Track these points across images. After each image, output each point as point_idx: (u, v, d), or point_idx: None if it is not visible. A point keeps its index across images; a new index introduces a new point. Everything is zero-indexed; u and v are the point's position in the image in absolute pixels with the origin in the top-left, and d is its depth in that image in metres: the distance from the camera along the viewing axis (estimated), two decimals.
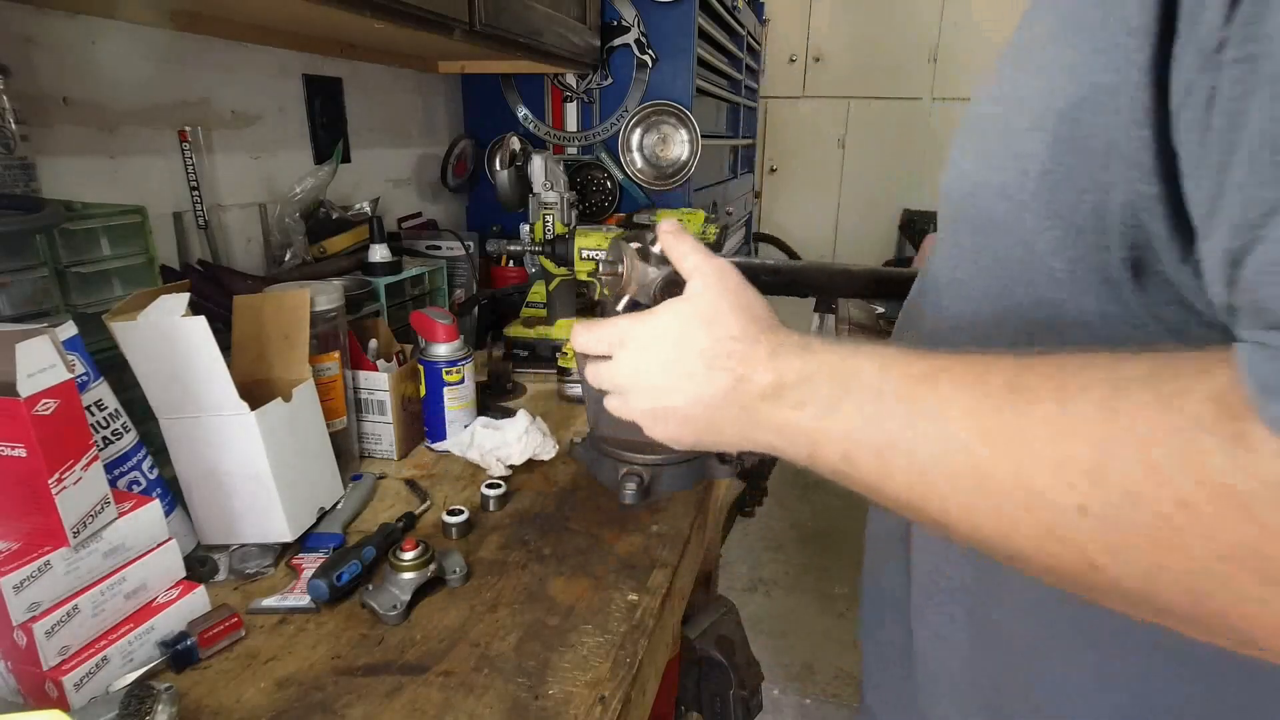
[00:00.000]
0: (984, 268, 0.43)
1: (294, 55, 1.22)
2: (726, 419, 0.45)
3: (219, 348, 0.69)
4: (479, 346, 1.32)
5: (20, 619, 0.53)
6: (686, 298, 0.48)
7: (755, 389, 0.43)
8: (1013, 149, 0.38)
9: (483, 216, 1.72)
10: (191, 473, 0.73)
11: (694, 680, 1.18)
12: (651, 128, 1.59)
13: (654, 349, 0.48)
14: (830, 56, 3.26)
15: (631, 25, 1.54)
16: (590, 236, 1.19)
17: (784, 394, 0.41)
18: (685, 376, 0.46)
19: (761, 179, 3.45)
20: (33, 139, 0.83)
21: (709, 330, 0.46)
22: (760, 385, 0.42)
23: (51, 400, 0.53)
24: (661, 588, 0.72)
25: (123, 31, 0.93)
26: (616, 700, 0.58)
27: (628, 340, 0.50)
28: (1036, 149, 0.37)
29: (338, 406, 0.90)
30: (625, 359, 0.50)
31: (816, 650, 2.18)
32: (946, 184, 0.45)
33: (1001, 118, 0.40)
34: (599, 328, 0.52)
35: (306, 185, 1.18)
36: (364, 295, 1.08)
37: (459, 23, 1.00)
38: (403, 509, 0.85)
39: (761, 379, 0.42)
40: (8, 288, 0.66)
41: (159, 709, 0.52)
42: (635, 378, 0.49)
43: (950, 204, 0.46)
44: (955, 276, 0.46)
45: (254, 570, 0.73)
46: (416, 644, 0.64)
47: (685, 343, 0.46)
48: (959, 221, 0.45)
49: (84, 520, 0.56)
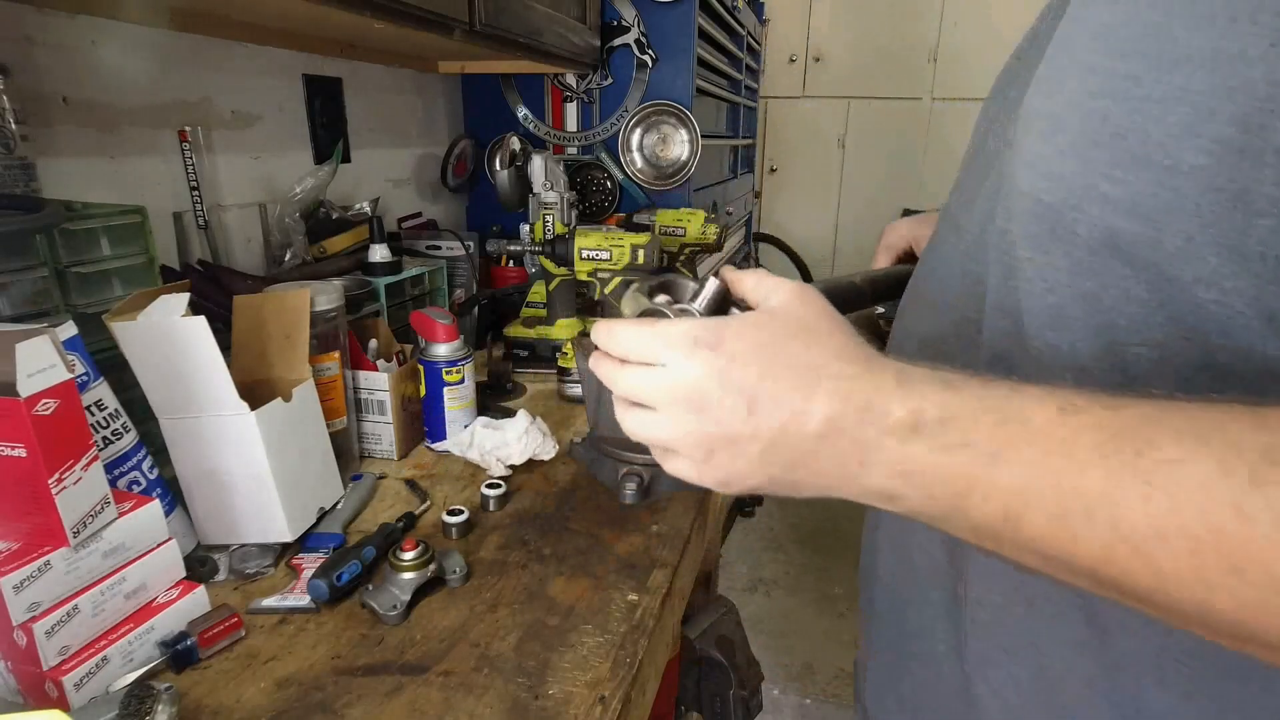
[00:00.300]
0: (1086, 293, 0.37)
1: (294, 55, 1.22)
2: (826, 455, 0.37)
3: (219, 348, 0.69)
4: (479, 346, 1.32)
5: (20, 619, 0.53)
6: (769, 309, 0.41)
7: (882, 421, 0.35)
8: (1153, 158, 0.33)
9: (483, 216, 1.72)
10: (191, 473, 0.73)
11: (694, 680, 1.18)
12: (651, 128, 1.59)
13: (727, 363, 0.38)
14: (830, 56, 3.26)
15: (631, 25, 1.54)
16: (590, 236, 1.19)
17: (924, 431, 0.34)
18: (771, 401, 0.37)
19: (761, 179, 3.45)
20: (33, 139, 0.83)
21: (807, 345, 0.38)
22: (891, 417, 0.35)
23: (51, 400, 0.53)
24: (661, 588, 0.72)
25: (123, 31, 0.93)
26: (616, 700, 0.58)
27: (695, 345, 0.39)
28: (1197, 160, 0.32)
29: (338, 406, 0.90)
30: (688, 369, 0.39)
31: (816, 650, 2.18)
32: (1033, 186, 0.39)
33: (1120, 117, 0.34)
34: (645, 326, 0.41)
35: (306, 185, 1.18)
36: (364, 295, 1.08)
37: (459, 23, 0.99)
38: (403, 509, 0.85)
39: (893, 410, 0.35)
40: (7, 289, 0.66)
41: (159, 709, 0.52)
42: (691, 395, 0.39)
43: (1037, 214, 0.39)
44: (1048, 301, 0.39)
45: (254, 570, 0.73)
46: (416, 644, 0.64)
47: (777, 356, 0.38)
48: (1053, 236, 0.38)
49: (84, 520, 0.56)
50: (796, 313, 0.40)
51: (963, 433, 0.34)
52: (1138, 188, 0.34)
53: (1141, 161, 0.34)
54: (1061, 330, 0.39)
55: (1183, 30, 0.32)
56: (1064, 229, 0.37)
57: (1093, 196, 0.36)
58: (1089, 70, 0.37)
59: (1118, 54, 0.35)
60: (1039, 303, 0.40)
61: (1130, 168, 0.34)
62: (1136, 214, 0.34)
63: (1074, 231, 0.37)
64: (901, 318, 0.57)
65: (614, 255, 1.18)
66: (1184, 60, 0.32)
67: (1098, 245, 0.36)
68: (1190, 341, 0.34)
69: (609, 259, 1.18)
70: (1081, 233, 0.37)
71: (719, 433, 0.38)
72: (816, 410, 0.36)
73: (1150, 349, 0.36)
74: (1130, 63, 0.34)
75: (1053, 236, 0.38)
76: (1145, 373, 0.36)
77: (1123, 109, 0.34)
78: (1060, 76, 0.39)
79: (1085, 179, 0.36)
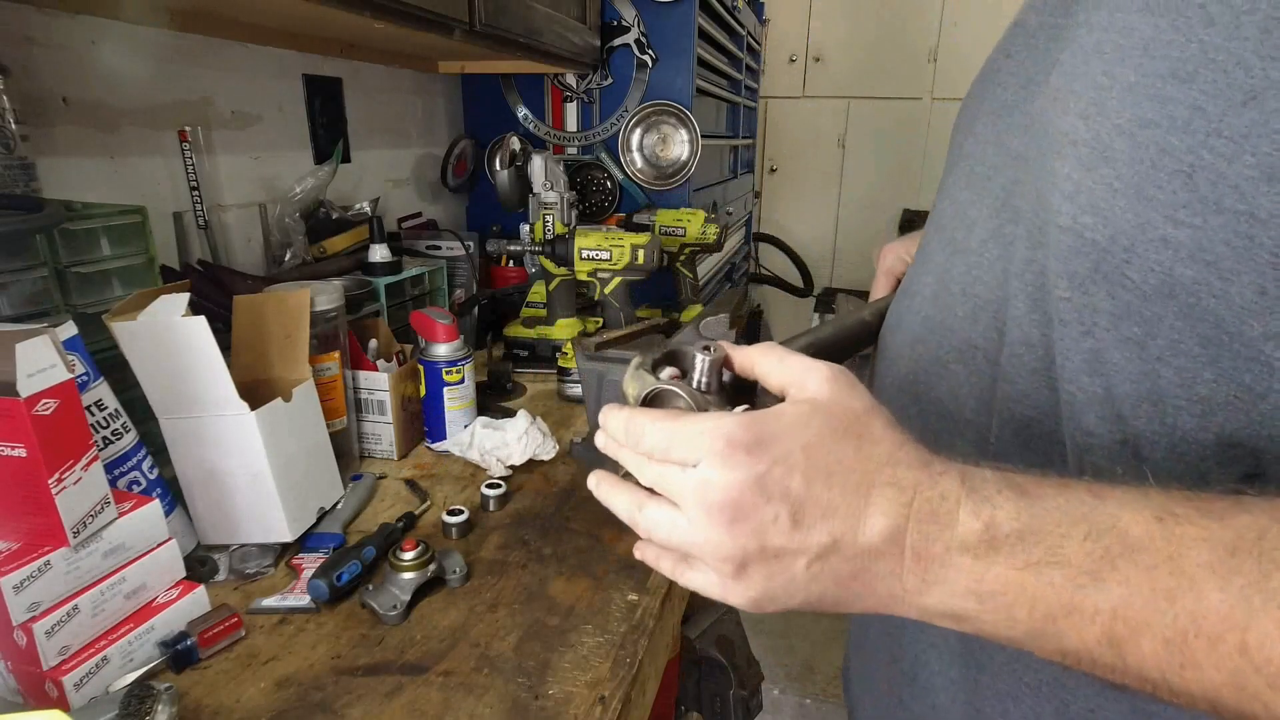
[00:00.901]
0: (1129, 338, 0.34)
1: (294, 55, 1.22)
2: (883, 571, 0.33)
3: (219, 348, 0.69)
4: (479, 346, 1.32)
5: (20, 619, 0.53)
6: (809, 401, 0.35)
7: (952, 534, 0.31)
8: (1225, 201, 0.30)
9: (483, 216, 1.72)
10: (191, 473, 0.73)
11: (694, 680, 1.18)
12: (651, 128, 1.59)
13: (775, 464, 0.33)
14: (830, 56, 3.25)
15: (631, 25, 1.54)
16: (590, 236, 1.19)
17: (1002, 546, 0.31)
18: (826, 511, 0.33)
19: (761, 179, 3.45)
20: (33, 139, 0.83)
21: (858, 445, 0.33)
22: (963, 529, 0.31)
23: (51, 400, 0.53)
24: (661, 588, 0.72)
25: (123, 31, 0.93)
26: (616, 700, 0.58)
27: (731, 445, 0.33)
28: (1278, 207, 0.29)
29: (338, 406, 0.90)
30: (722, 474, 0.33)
31: (816, 650, 2.18)
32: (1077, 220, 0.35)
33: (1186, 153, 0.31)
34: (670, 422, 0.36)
35: (306, 185, 1.18)
36: (364, 295, 1.08)
37: (459, 23, 0.99)
38: (403, 509, 0.85)
39: (964, 521, 0.31)
40: (6, 289, 0.66)
41: (159, 709, 0.52)
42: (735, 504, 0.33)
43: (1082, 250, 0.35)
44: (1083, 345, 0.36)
45: (254, 570, 0.73)
46: (416, 644, 0.64)
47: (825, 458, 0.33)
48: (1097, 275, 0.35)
49: (84, 520, 0.56)
50: (842, 406, 0.35)
51: (1050, 549, 0.30)
52: (1206, 233, 0.31)
53: (1212, 205, 0.30)
54: (1097, 375, 0.36)
55: (1257, 59, 0.29)
56: (1112, 270, 0.34)
57: (1151, 239, 0.32)
58: (1134, 92, 0.33)
59: (1172, 77, 0.32)
60: (1075, 345, 0.36)
61: (1198, 210, 0.31)
62: (1203, 260, 0.31)
63: (1124, 275, 0.33)
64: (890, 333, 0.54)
65: (614, 255, 1.18)
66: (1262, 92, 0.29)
67: (1152, 291, 0.33)
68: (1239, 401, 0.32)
69: (609, 259, 1.18)
70: (1134, 276, 0.33)
71: (756, 546, 0.33)
72: (874, 522, 0.32)
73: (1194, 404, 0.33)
74: (1190, 90, 0.31)
75: (1097, 276, 0.35)
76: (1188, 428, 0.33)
77: (1186, 143, 0.31)
78: (1098, 97, 0.35)
79: (1141, 218, 0.33)
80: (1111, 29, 0.35)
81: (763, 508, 0.33)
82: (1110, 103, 0.34)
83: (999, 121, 0.45)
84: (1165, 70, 0.32)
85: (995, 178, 0.43)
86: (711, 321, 0.84)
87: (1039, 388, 0.39)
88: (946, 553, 0.32)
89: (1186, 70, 0.31)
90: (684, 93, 1.57)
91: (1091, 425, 0.36)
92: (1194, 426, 0.33)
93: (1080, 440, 0.37)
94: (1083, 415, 0.37)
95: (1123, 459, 0.36)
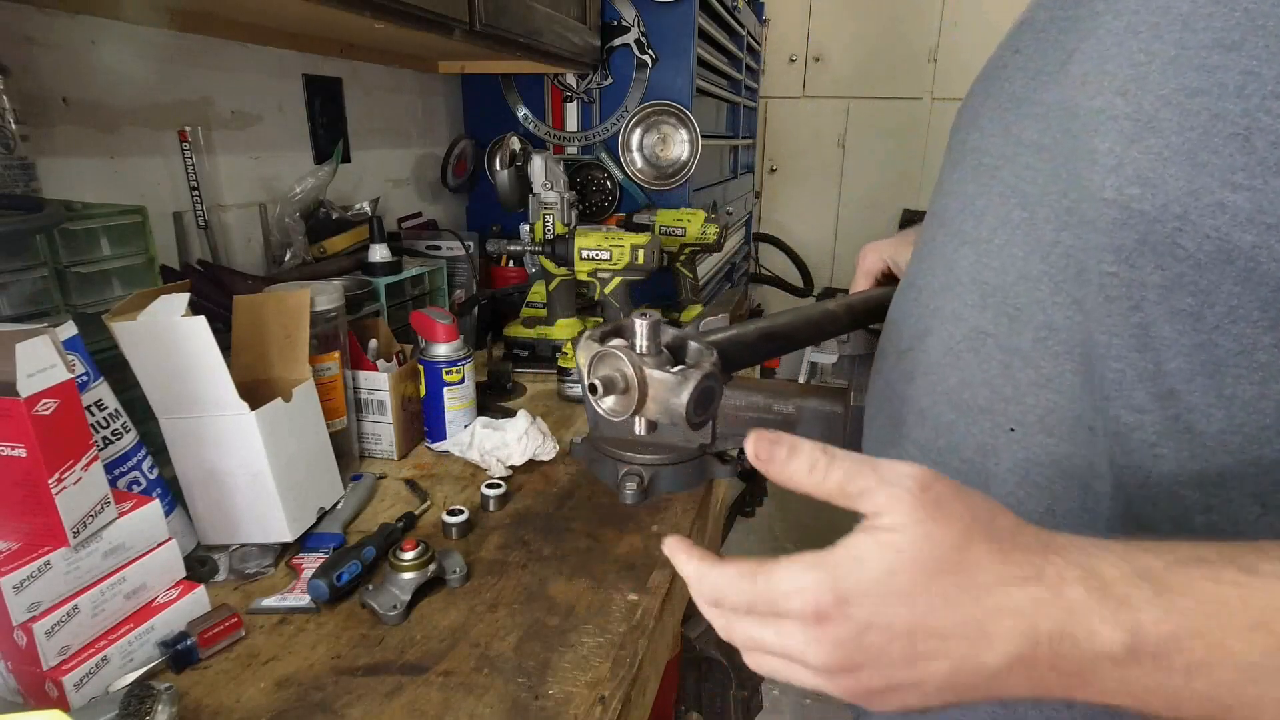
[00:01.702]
0: (1183, 310, 0.34)
1: (294, 55, 1.22)
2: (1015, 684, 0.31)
3: (219, 348, 0.69)
4: (479, 346, 1.32)
5: (20, 619, 0.53)
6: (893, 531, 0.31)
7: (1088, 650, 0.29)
8: None
9: (483, 216, 1.72)
10: (191, 473, 0.73)
11: (694, 680, 1.18)
12: (651, 128, 1.59)
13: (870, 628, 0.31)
14: (830, 56, 3.26)
15: (631, 25, 1.54)
16: (590, 236, 1.19)
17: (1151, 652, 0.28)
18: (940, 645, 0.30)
19: (761, 179, 3.45)
20: (33, 139, 0.83)
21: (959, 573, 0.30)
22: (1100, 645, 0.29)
23: (51, 400, 0.53)
24: (661, 588, 0.72)
25: (123, 31, 0.93)
26: (616, 700, 0.58)
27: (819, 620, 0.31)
28: None
29: (338, 406, 0.90)
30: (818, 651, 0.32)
31: None
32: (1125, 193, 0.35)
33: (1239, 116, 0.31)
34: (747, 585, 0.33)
35: (306, 185, 1.18)
36: (364, 295, 1.08)
37: (459, 23, 1.00)
38: (403, 509, 0.85)
39: (1102, 633, 0.29)
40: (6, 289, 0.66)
41: (159, 709, 0.52)
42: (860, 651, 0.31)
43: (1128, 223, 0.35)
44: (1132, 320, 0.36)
45: (254, 570, 0.73)
46: (416, 644, 0.64)
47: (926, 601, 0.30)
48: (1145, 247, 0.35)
49: (84, 520, 0.56)
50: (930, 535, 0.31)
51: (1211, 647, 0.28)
52: (1266, 195, 0.31)
53: (1272, 166, 0.31)
54: (1148, 351, 0.35)
55: None
56: (1161, 240, 0.34)
57: (1205, 204, 0.32)
58: (1176, 64, 0.33)
59: (1218, 46, 0.32)
60: (1123, 321, 0.36)
61: (1257, 173, 0.31)
62: (1263, 224, 0.31)
63: (1176, 244, 0.33)
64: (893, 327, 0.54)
65: (614, 255, 1.18)
66: None
67: (1207, 259, 0.33)
68: None
69: (609, 259, 1.18)
70: (1187, 245, 0.33)
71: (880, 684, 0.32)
72: (996, 650, 0.30)
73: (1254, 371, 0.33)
74: (1239, 56, 0.31)
75: (1144, 248, 0.34)
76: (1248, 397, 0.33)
77: (1240, 107, 0.31)
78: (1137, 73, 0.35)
79: (1195, 184, 0.33)
80: (1144, 10, 0.35)
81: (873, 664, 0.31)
82: (1152, 76, 0.34)
83: (1007, 114, 0.45)
84: (1209, 40, 0.32)
85: (1005, 167, 0.43)
86: (711, 321, 0.85)
87: (1063, 372, 0.39)
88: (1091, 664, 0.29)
89: (1232, 39, 0.32)
90: (684, 93, 1.57)
91: (1142, 402, 0.36)
92: (1254, 395, 0.33)
93: (1128, 419, 0.36)
94: (1131, 393, 0.36)
95: (1174, 434, 0.35)
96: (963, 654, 0.30)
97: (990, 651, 0.30)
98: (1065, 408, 0.39)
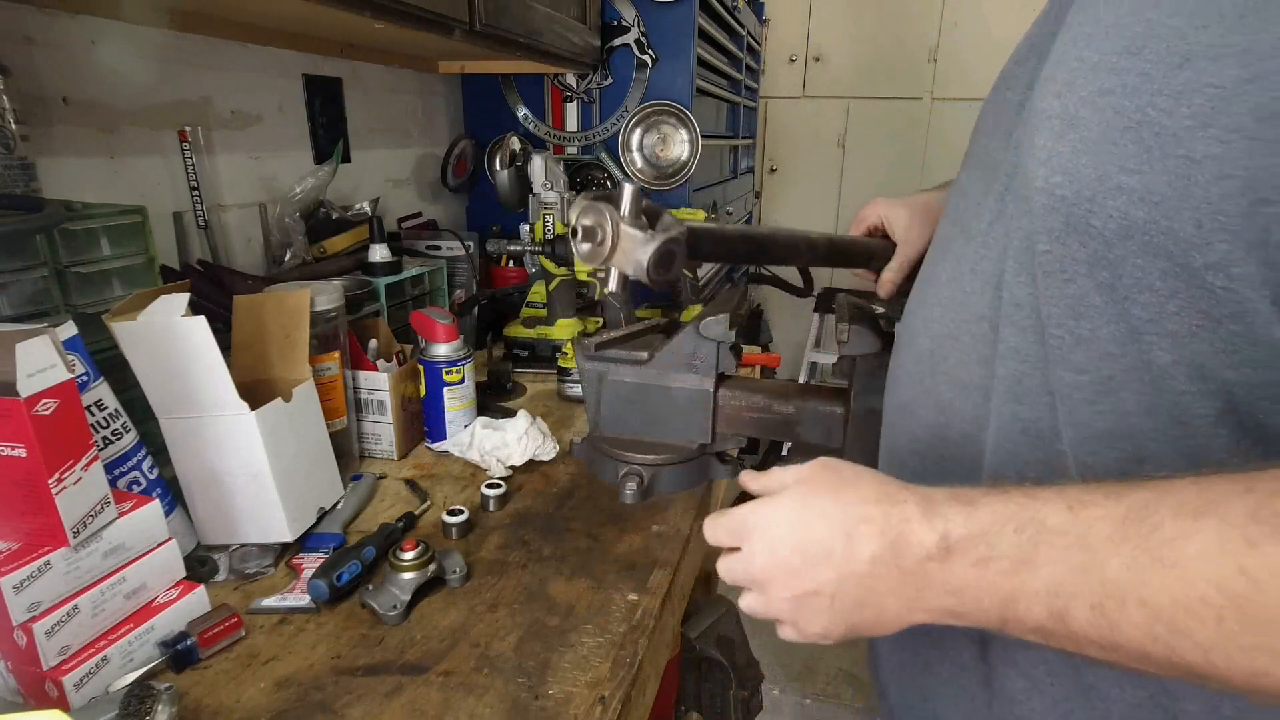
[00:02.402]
0: (1104, 282, 0.39)
1: (294, 55, 1.22)
2: (885, 589, 0.40)
3: (219, 348, 0.69)
4: (479, 346, 1.32)
5: (20, 619, 0.53)
6: (801, 478, 0.46)
7: (917, 550, 0.39)
8: (1164, 149, 0.35)
9: (483, 216, 1.72)
10: (191, 473, 0.73)
11: (694, 680, 1.18)
12: (651, 128, 1.59)
13: (782, 530, 0.44)
14: (830, 56, 3.25)
15: (631, 25, 1.54)
16: None
17: (956, 551, 0.37)
18: (824, 556, 0.42)
19: (761, 179, 3.45)
20: (33, 139, 0.83)
21: (838, 501, 0.43)
22: (923, 545, 0.38)
23: (51, 400, 0.53)
24: (661, 588, 0.72)
25: (123, 31, 0.93)
26: (616, 700, 0.58)
27: (750, 528, 0.46)
28: (1210, 149, 0.33)
29: (338, 406, 0.90)
30: (754, 548, 0.45)
31: (816, 650, 2.18)
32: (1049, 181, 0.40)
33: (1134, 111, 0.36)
34: (723, 518, 0.49)
35: (306, 185, 1.18)
36: (364, 295, 1.08)
37: (459, 23, 1.00)
38: (403, 509, 0.85)
39: (924, 538, 0.38)
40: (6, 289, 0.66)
41: (159, 709, 0.52)
42: (769, 567, 0.44)
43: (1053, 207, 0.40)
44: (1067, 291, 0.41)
45: (254, 570, 0.73)
46: (416, 644, 0.64)
47: (815, 517, 0.43)
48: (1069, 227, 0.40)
49: (84, 520, 0.56)
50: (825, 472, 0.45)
51: (990, 545, 0.36)
52: (1153, 178, 0.35)
53: (1156, 153, 0.35)
54: (1083, 319, 0.40)
55: (1190, 28, 0.34)
56: (1079, 220, 0.39)
57: (1108, 188, 0.37)
58: (1096, 69, 0.38)
59: (1125, 52, 0.37)
60: (1059, 292, 0.41)
61: (1146, 159, 0.35)
62: (1151, 202, 0.35)
63: (1089, 224, 0.38)
64: (910, 318, 0.58)
65: None
66: (1195, 55, 0.34)
67: (1114, 236, 0.37)
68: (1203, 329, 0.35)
69: None
70: (1097, 224, 0.38)
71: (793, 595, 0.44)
72: (861, 552, 0.40)
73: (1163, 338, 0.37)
74: (1139, 60, 0.36)
75: (1069, 228, 0.39)
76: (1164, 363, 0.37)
77: (1134, 104, 0.36)
78: (1070, 77, 0.40)
79: (1100, 171, 0.37)
80: (1085, 22, 0.41)
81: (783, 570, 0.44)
82: (1078, 80, 0.39)
83: (1006, 119, 0.49)
84: (1120, 47, 0.37)
85: (1001, 165, 0.48)
86: (711, 321, 0.85)
87: (1030, 342, 0.43)
88: (919, 564, 0.39)
89: (1136, 45, 0.37)
90: (684, 93, 1.57)
91: (1081, 363, 0.41)
92: (1169, 360, 0.37)
93: (1070, 380, 0.41)
94: (1071, 356, 0.41)
95: (1108, 396, 0.40)
96: (841, 556, 0.41)
97: (856, 554, 0.41)
98: (1030, 375, 0.44)
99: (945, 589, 0.38)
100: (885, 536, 0.40)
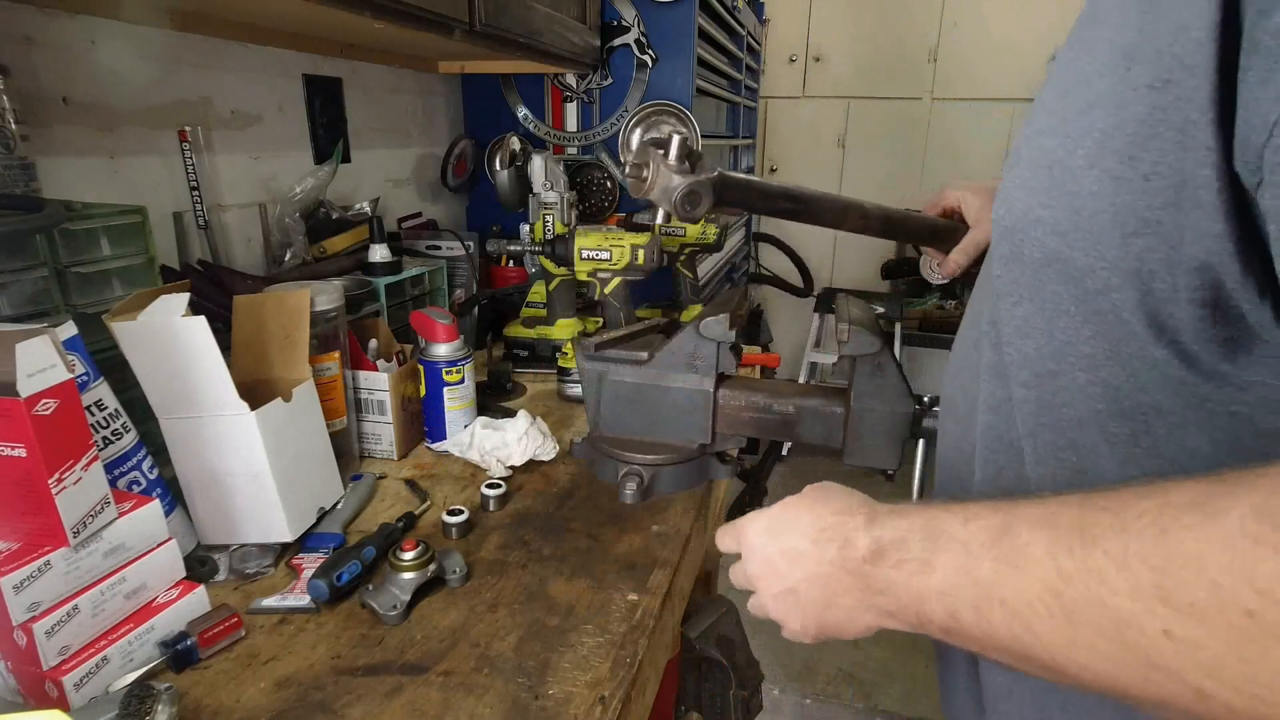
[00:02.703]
0: (1042, 306, 0.42)
1: (294, 55, 1.22)
2: (840, 589, 0.46)
3: (219, 348, 0.69)
4: (479, 346, 1.32)
5: (20, 619, 0.53)
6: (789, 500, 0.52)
7: (858, 553, 0.44)
8: (1065, 185, 0.38)
9: (483, 216, 1.72)
10: (191, 473, 0.73)
11: (694, 680, 1.18)
12: (651, 128, 1.59)
13: (768, 537, 0.51)
14: (830, 56, 3.25)
15: (631, 25, 1.54)
16: (590, 236, 1.19)
17: (882, 555, 0.42)
18: (797, 557, 0.49)
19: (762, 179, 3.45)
20: (33, 139, 0.83)
21: (811, 512, 0.49)
22: (862, 549, 0.44)
23: (51, 400, 0.53)
24: (661, 588, 0.72)
25: (123, 31, 0.93)
26: (616, 700, 0.58)
27: (746, 535, 0.53)
28: (1094, 186, 0.37)
29: (338, 406, 0.90)
30: (750, 554, 0.53)
31: (816, 650, 2.18)
32: (997, 213, 0.45)
33: (1052, 151, 0.40)
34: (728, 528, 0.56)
35: (306, 185, 1.18)
36: (364, 295, 1.08)
37: (459, 23, 1.00)
38: (403, 509, 0.85)
39: (863, 542, 0.44)
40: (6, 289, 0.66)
41: (159, 709, 0.52)
42: (760, 568, 0.52)
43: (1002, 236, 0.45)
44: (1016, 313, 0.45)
45: (254, 570, 0.73)
46: (416, 644, 0.64)
47: (793, 528, 0.50)
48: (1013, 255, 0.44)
49: (84, 520, 0.56)
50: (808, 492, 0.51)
51: (906, 549, 0.41)
52: (1058, 211, 0.39)
53: (1061, 189, 0.39)
54: (1028, 338, 0.44)
55: (1095, 75, 0.38)
56: (1015, 248, 0.43)
57: (1032, 220, 0.41)
58: (1040, 108, 0.43)
59: (1060, 95, 0.41)
60: (1010, 313, 0.45)
61: (1055, 194, 0.39)
62: (1059, 233, 0.39)
63: (1021, 252, 0.43)
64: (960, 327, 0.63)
65: (614, 255, 1.18)
66: (1096, 102, 0.37)
67: (1039, 263, 0.41)
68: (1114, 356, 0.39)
69: (609, 259, 1.18)
70: (1027, 252, 0.42)
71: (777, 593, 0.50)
72: (826, 556, 0.46)
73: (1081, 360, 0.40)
74: (1064, 103, 0.40)
75: (1012, 256, 0.44)
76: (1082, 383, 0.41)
77: (1051, 143, 0.40)
78: (1030, 116, 0.45)
79: (1026, 204, 0.41)
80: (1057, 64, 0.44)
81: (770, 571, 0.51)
82: (1032, 119, 0.44)
83: None
84: (1058, 90, 0.41)
85: None
86: (711, 321, 0.85)
87: (999, 360, 0.47)
88: (858, 565, 0.44)
89: (1065, 88, 0.40)
90: (684, 93, 1.57)
91: (1027, 379, 0.44)
92: (1086, 381, 0.41)
93: (1020, 395, 0.45)
94: (1019, 373, 0.45)
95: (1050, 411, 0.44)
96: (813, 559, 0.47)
97: (821, 557, 0.46)
98: (999, 390, 0.47)
99: (877, 588, 0.43)
100: (835, 543, 0.46)
